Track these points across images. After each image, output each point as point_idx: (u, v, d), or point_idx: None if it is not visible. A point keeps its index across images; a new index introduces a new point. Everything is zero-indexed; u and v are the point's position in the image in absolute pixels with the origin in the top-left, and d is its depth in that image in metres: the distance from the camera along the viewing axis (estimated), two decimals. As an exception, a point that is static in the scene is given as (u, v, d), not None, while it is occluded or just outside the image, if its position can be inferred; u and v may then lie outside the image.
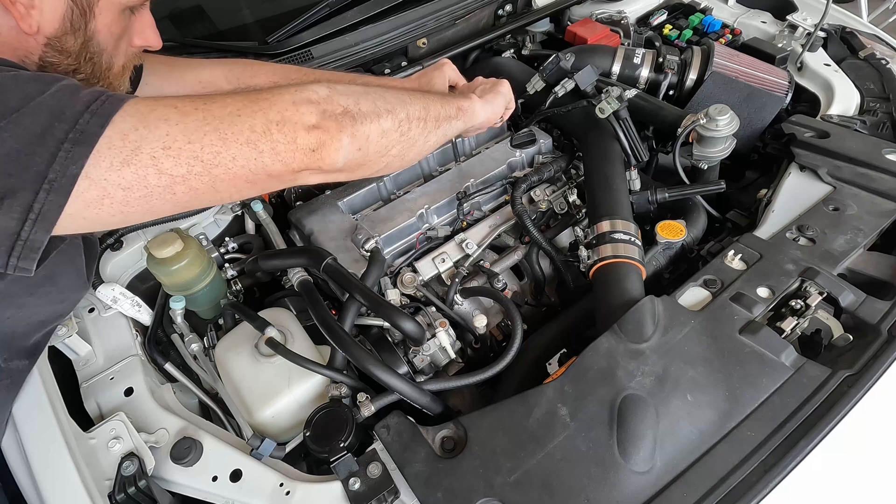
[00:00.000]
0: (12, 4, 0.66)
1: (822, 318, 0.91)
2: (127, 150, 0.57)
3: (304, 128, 0.65)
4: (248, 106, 0.64)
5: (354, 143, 0.70)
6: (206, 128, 0.61)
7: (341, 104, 0.69)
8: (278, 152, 0.64)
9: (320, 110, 0.67)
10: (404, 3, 1.53)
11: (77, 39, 0.73)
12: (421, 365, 1.01)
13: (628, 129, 1.16)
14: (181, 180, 0.60)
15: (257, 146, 0.63)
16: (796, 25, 1.52)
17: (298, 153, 0.66)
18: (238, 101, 0.64)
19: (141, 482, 0.80)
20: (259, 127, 0.63)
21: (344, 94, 0.71)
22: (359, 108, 0.71)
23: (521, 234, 1.24)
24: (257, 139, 0.63)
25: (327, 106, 0.68)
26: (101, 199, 0.57)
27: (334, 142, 0.68)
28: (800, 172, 1.14)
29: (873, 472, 0.77)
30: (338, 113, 0.69)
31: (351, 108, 0.70)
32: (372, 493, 0.77)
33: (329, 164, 0.69)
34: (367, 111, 0.72)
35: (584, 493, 0.72)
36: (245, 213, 1.28)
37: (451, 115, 0.91)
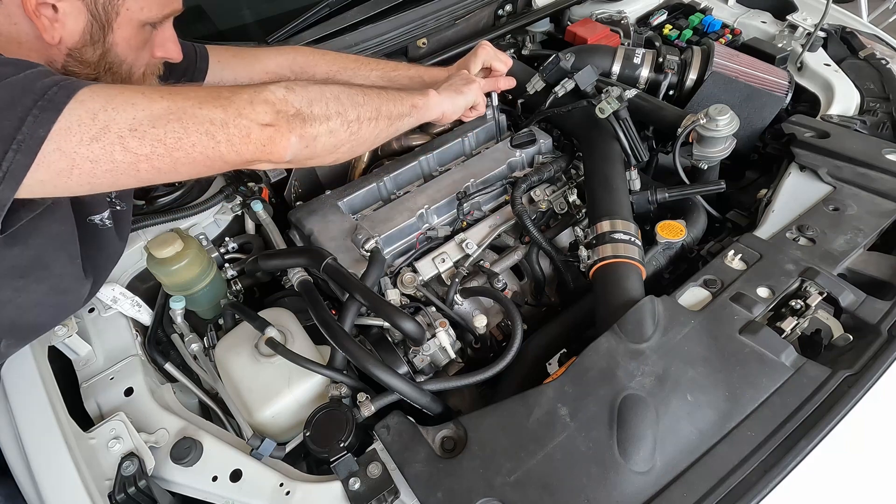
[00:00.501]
0: (38, 18, 0.73)
1: (822, 318, 0.91)
2: (96, 128, 0.62)
3: (258, 125, 0.72)
4: (210, 101, 0.70)
5: (302, 141, 0.77)
6: (169, 115, 0.66)
7: (294, 106, 0.76)
8: (233, 143, 0.71)
9: (274, 110, 0.74)
10: (404, 3, 1.53)
11: (96, 51, 0.80)
12: (421, 365, 1.01)
13: (628, 129, 1.16)
14: (145, 159, 0.65)
15: (215, 137, 0.69)
16: (796, 25, 1.52)
17: (251, 146, 0.72)
18: (202, 95, 0.70)
19: (141, 482, 0.80)
20: (218, 120, 0.69)
21: (299, 96, 0.77)
22: (311, 110, 0.78)
23: (521, 234, 1.24)
24: (215, 131, 0.69)
25: (281, 107, 0.75)
26: (71, 169, 0.62)
27: (283, 139, 0.75)
28: (800, 172, 1.14)
29: (873, 472, 0.77)
30: (290, 114, 0.75)
31: (303, 110, 0.77)
32: (372, 493, 0.77)
33: (278, 158, 0.76)
34: (318, 114, 0.79)
35: (584, 493, 0.72)
36: (245, 213, 1.28)
37: (404, 112, 0.98)
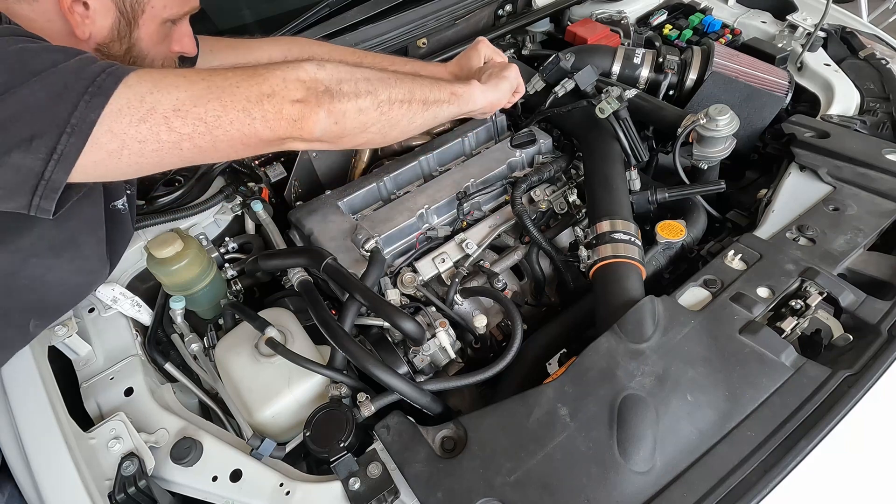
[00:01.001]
0: (71, 14, 0.77)
1: (822, 318, 0.91)
2: (144, 109, 0.66)
3: (289, 101, 0.74)
4: (246, 80, 0.72)
5: (331, 117, 0.79)
6: (209, 95, 0.70)
7: (324, 83, 0.78)
8: (267, 120, 0.73)
9: (305, 87, 0.76)
10: (404, 3, 1.53)
11: (122, 46, 0.85)
12: (421, 365, 1.01)
13: (628, 129, 1.16)
14: (187, 138, 0.69)
15: (251, 113, 0.72)
16: (796, 25, 1.52)
17: (283, 122, 0.74)
18: (238, 75, 0.73)
19: (141, 482, 0.80)
20: (254, 97, 0.72)
21: (329, 74, 0.79)
22: (339, 87, 0.79)
23: (521, 234, 1.24)
24: (251, 108, 0.72)
25: (312, 84, 0.77)
26: (121, 150, 0.66)
27: (313, 115, 0.76)
28: (800, 172, 1.14)
29: (873, 472, 0.77)
30: (320, 91, 0.77)
31: (332, 87, 0.78)
32: (372, 493, 0.77)
33: (308, 134, 0.77)
34: (347, 91, 0.80)
35: (583, 493, 0.72)
36: (245, 212, 1.28)
37: (442, 98, 0.96)
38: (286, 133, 0.76)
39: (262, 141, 0.75)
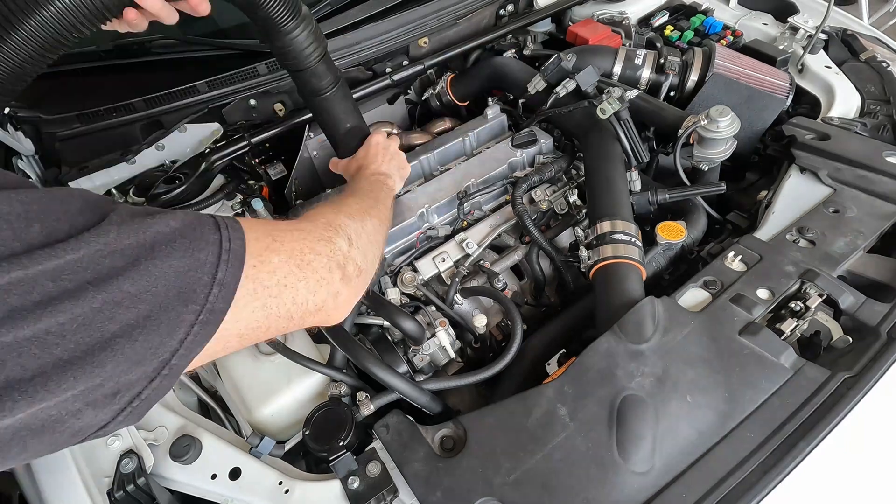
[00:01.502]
0: None
1: (822, 319, 0.91)
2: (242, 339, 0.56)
3: (332, 294, 0.67)
4: (295, 273, 0.61)
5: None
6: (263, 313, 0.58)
7: (358, 265, 0.71)
8: (315, 293, 0.64)
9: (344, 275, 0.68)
10: (406, 2, 1.53)
11: None
12: (420, 364, 1.01)
13: (629, 129, 1.16)
14: (246, 341, 0.59)
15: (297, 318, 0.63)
16: (797, 27, 1.52)
17: (318, 315, 0.67)
18: (285, 267, 0.61)
19: (140, 480, 0.80)
20: (301, 298, 0.62)
21: (358, 251, 0.72)
22: (367, 263, 0.74)
23: (522, 234, 1.24)
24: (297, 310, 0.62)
25: (350, 269, 0.69)
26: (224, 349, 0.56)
27: (348, 305, 0.71)
28: (800, 174, 1.14)
29: (872, 473, 0.77)
30: (356, 276, 0.71)
31: (364, 267, 0.73)
32: (371, 492, 0.77)
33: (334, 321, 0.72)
34: (369, 266, 0.75)
35: (583, 494, 0.72)
36: (245, 210, 1.28)
37: (390, 200, 0.99)
38: (315, 322, 0.68)
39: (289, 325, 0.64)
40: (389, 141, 1.15)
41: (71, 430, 0.44)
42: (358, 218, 0.77)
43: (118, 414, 0.46)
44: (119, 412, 0.46)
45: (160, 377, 0.47)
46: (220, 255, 0.50)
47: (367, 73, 1.52)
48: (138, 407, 0.47)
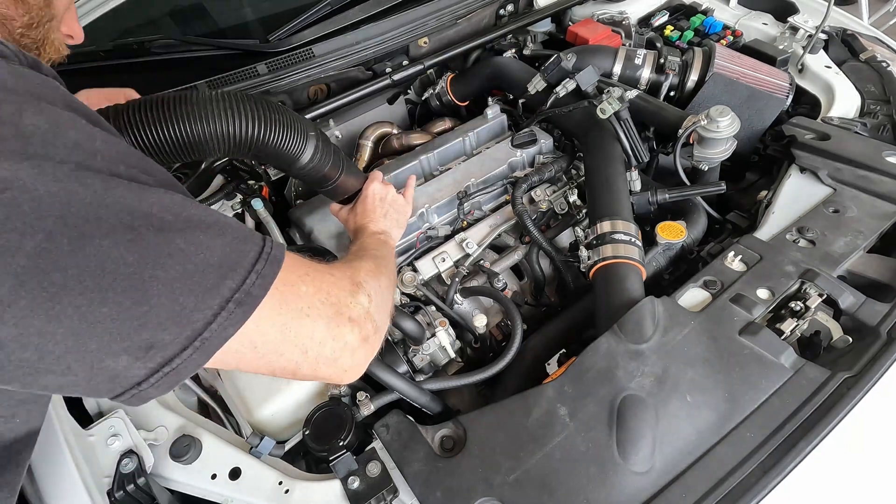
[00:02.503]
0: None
1: (822, 319, 0.91)
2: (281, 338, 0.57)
3: (350, 350, 0.65)
4: (318, 308, 0.61)
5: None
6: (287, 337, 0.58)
7: (376, 322, 0.69)
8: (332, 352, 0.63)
9: (363, 336, 0.66)
10: (406, 2, 1.53)
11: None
12: (420, 364, 1.01)
13: (629, 129, 1.16)
14: (260, 360, 0.58)
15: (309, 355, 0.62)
16: (797, 27, 1.52)
17: (332, 368, 0.65)
18: (308, 304, 0.61)
19: (140, 479, 0.80)
20: (319, 337, 0.62)
21: (377, 307, 0.71)
22: (383, 320, 0.73)
23: (522, 234, 1.24)
24: (303, 356, 0.61)
25: (367, 331, 0.67)
26: (234, 363, 0.56)
27: (365, 363, 0.69)
28: (800, 174, 1.14)
29: (872, 473, 0.77)
30: (373, 334, 0.69)
31: (380, 325, 0.71)
32: (371, 492, 0.77)
33: (348, 380, 0.70)
34: (384, 322, 0.74)
35: (583, 493, 0.72)
36: (245, 210, 1.28)
37: (390, 254, 0.97)
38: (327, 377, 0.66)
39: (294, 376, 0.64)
40: (385, 189, 1.12)
41: (109, 372, 0.46)
42: (374, 277, 0.76)
43: (151, 374, 0.48)
44: (152, 373, 0.48)
45: (192, 348, 0.48)
46: (262, 253, 0.54)
47: (367, 73, 1.52)
48: (169, 376, 0.49)
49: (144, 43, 1.36)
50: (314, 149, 0.96)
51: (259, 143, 0.88)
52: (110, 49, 1.36)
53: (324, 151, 0.99)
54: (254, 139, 0.87)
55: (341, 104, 1.39)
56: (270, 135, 0.88)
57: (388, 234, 1.05)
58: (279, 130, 0.89)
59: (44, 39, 0.68)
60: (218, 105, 0.84)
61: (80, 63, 1.32)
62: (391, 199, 1.11)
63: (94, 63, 1.35)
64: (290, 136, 0.91)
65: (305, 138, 0.94)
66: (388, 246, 1.00)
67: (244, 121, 0.85)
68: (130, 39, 1.36)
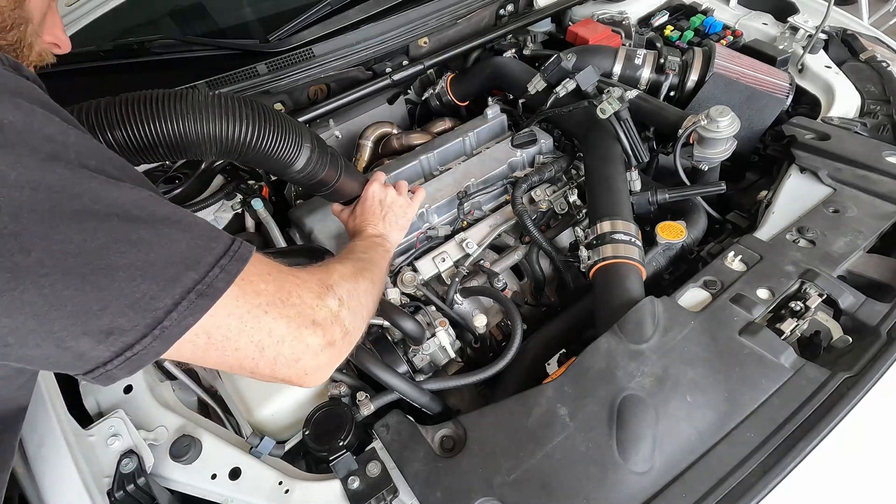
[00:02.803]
0: None
1: (822, 319, 0.91)
2: (241, 325, 0.57)
3: (312, 352, 0.64)
4: (277, 305, 0.61)
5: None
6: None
7: (346, 326, 0.69)
8: (287, 361, 0.63)
9: (327, 340, 0.66)
10: (406, 2, 1.53)
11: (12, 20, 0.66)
12: (420, 364, 1.01)
13: (629, 129, 1.16)
14: (212, 352, 0.58)
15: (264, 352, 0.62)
16: (797, 27, 1.52)
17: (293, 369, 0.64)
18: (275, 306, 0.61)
19: (140, 479, 0.80)
20: (277, 335, 0.61)
21: (349, 312, 0.70)
22: (354, 325, 0.71)
23: (522, 234, 1.24)
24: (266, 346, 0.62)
25: (334, 334, 0.67)
26: (190, 355, 0.57)
27: (329, 368, 0.68)
28: (800, 174, 1.14)
29: (872, 473, 0.77)
30: (339, 338, 0.68)
31: (351, 331, 0.70)
32: (371, 492, 0.77)
33: (309, 384, 0.68)
34: (357, 329, 0.73)
35: (582, 493, 0.72)
36: (245, 210, 1.28)
37: (386, 262, 0.98)
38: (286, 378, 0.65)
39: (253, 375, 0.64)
40: (386, 190, 1.10)
41: (74, 352, 0.48)
42: (350, 280, 0.76)
43: (114, 357, 0.50)
44: (114, 356, 0.50)
45: (152, 336, 0.50)
46: (228, 251, 0.55)
47: (367, 73, 1.52)
48: (132, 360, 0.50)
49: (144, 43, 1.36)
50: (308, 156, 0.95)
51: (250, 147, 0.87)
52: (110, 49, 1.36)
53: (319, 158, 0.97)
54: (245, 143, 0.86)
55: (341, 104, 1.40)
56: (263, 140, 0.88)
57: (385, 237, 1.04)
58: (272, 136, 0.88)
59: (20, 42, 0.68)
60: (211, 105, 0.83)
61: (81, 63, 1.32)
62: (390, 201, 1.10)
63: (94, 63, 1.35)
64: (283, 142, 0.90)
65: (300, 145, 0.93)
66: (383, 248, 1.00)
67: (236, 124, 0.84)
68: (130, 39, 1.36)
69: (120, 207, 0.48)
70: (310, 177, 0.98)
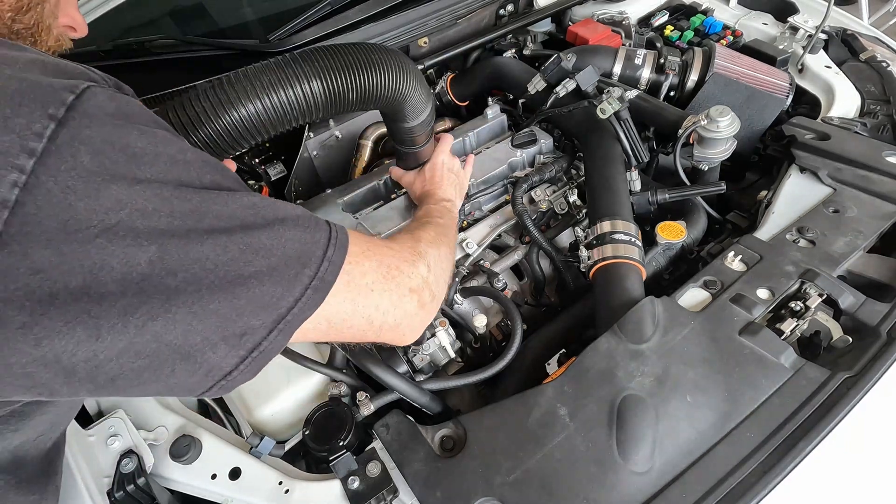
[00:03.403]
0: None
1: (822, 319, 0.91)
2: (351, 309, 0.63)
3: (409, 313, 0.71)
4: (381, 282, 0.67)
5: None
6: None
7: (433, 290, 0.76)
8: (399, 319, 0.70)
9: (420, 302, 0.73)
10: (405, 2, 1.53)
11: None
12: (420, 364, 1.01)
13: (629, 129, 1.16)
14: (332, 332, 0.64)
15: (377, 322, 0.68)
16: (797, 27, 1.52)
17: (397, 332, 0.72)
18: (379, 279, 0.67)
19: (140, 480, 0.80)
20: (384, 307, 0.67)
21: (434, 275, 0.78)
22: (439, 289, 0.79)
23: (522, 234, 1.24)
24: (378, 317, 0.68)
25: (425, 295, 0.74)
26: None
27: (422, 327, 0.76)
28: (800, 174, 1.14)
29: (872, 473, 0.77)
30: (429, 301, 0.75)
31: (437, 294, 0.78)
32: (371, 492, 0.77)
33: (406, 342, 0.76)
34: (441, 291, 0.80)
35: (582, 493, 0.72)
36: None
37: (456, 227, 1.04)
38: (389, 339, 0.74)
39: None
40: (453, 161, 1.18)
41: (206, 367, 0.50)
42: (435, 246, 0.82)
43: (241, 361, 0.52)
44: (242, 360, 0.52)
45: (277, 331, 0.53)
46: (330, 239, 0.59)
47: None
48: (257, 359, 0.53)
49: (144, 43, 1.36)
50: (431, 110, 1.03)
51: (401, 98, 0.95)
52: (110, 49, 1.36)
53: (433, 117, 1.05)
54: (397, 94, 0.94)
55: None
56: (413, 87, 0.95)
57: (454, 202, 1.10)
58: (420, 84, 0.97)
59: (37, 25, 0.68)
60: (379, 53, 0.91)
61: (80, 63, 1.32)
62: (457, 169, 1.17)
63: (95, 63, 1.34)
64: (425, 91, 0.99)
65: (429, 97, 1.02)
66: (452, 214, 1.05)
67: (394, 73, 0.91)
68: (130, 39, 1.36)
69: (239, 219, 0.51)
70: (421, 129, 1.06)
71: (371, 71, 0.89)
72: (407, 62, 0.94)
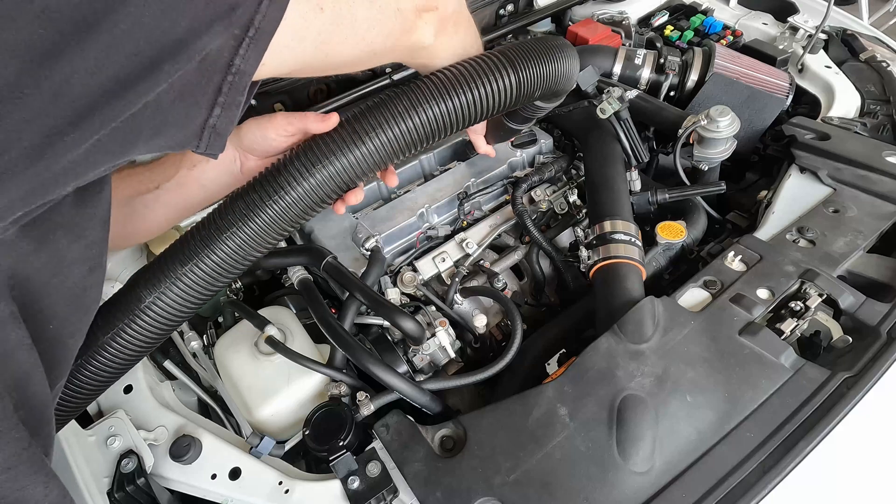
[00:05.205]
0: None
1: (822, 319, 0.91)
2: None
3: None
4: None
5: None
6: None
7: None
8: None
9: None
10: (406, 2, 1.52)
11: None
12: (420, 364, 1.01)
13: (629, 129, 1.16)
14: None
15: None
16: (797, 27, 1.52)
17: None
18: None
19: (140, 480, 0.80)
20: None
21: None
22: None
23: (522, 234, 1.24)
24: None
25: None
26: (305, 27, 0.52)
27: None
28: (800, 174, 1.14)
29: (872, 473, 0.77)
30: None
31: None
32: (371, 492, 0.77)
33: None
34: None
35: (582, 493, 0.72)
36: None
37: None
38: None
39: None
40: None
41: (202, 55, 0.42)
42: None
43: (239, 45, 0.45)
44: (239, 43, 0.45)
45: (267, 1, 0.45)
46: None
47: (366, 73, 1.52)
48: (255, 39, 0.45)
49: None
50: None
51: None
52: None
53: None
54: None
55: (341, 104, 1.39)
56: None
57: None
58: None
59: None
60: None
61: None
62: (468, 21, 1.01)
63: (94, 63, 1.35)
64: None
65: None
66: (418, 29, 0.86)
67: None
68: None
69: None
70: None
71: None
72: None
